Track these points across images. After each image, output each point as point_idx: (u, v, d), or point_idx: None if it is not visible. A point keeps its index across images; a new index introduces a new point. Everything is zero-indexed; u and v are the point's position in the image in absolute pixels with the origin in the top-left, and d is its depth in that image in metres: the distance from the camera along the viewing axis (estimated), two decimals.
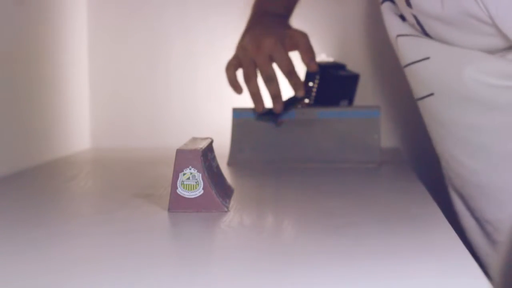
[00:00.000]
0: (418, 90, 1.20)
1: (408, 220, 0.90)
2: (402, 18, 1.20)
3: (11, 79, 1.36)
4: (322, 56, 1.62)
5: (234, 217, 0.90)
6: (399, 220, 0.90)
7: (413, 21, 1.14)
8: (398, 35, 1.20)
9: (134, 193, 1.08)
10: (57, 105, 1.58)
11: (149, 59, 1.76)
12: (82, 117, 1.73)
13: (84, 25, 1.73)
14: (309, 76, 1.49)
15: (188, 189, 0.92)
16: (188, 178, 0.92)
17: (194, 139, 1.03)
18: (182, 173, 0.92)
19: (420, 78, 1.18)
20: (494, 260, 1.14)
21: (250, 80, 1.36)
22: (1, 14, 1.31)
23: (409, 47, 1.19)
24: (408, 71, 1.21)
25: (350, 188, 1.16)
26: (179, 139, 1.09)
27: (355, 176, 1.27)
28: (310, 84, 1.50)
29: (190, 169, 0.92)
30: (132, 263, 0.71)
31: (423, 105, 1.21)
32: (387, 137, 1.66)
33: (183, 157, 0.92)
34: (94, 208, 1.07)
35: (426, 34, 1.14)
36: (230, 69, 1.39)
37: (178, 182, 0.92)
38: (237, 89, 1.38)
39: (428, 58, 1.15)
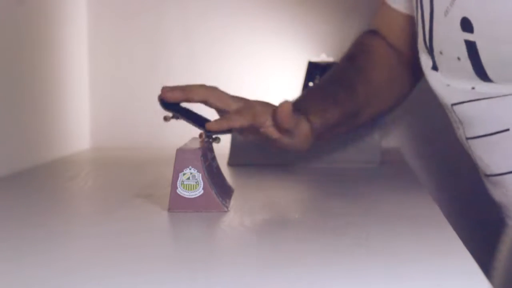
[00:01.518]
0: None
1: (408, 220, 0.90)
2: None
3: (11, 79, 1.36)
4: (322, 56, 1.62)
5: (234, 217, 0.90)
6: (399, 220, 0.90)
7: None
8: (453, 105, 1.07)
9: (134, 193, 1.08)
10: (57, 105, 1.58)
11: (149, 59, 1.76)
12: (82, 117, 1.73)
13: (84, 25, 1.74)
14: (309, 75, 1.50)
15: (188, 189, 0.92)
16: (188, 178, 0.92)
17: (194, 139, 1.03)
18: (182, 173, 0.92)
19: None
20: (496, 262, 1.14)
21: None
22: (2, 14, 1.31)
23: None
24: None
25: (350, 188, 1.16)
26: (179, 140, 1.09)
27: (355, 176, 1.27)
28: (311, 84, 1.50)
29: (190, 169, 0.92)
30: (132, 263, 0.71)
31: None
32: (387, 137, 1.66)
33: (183, 157, 0.92)
34: (94, 208, 1.07)
35: None
36: None
37: (178, 182, 0.92)
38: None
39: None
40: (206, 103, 1.03)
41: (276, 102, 1.69)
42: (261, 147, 1.42)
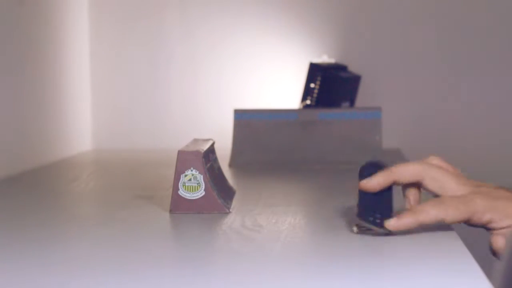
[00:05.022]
0: None
1: None
2: None
3: (13, 80, 1.36)
4: (323, 58, 1.62)
5: (236, 218, 0.90)
6: None
7: None
8: None
9: (135, 194, 1.08)
10: (58, 107, 1.58)
11: (150, 61, 1.76)
12: (83, 118, 1.73)
13: (85, 27, 1.74)
14: (311, 77, 1.50)
15: (190, 191, 0.92)
16: (190, 180, 0.92)
17: (196, 141, 1.03)
18: (183, 174, 0.92)
19: None
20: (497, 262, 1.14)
21: None
22: (3, 15, 1.32)
23: None
24: None
25: (351, 189, 1.16)
26: (181, 141, 1.09)
27: (356, 177, 1.27)
28: (312, 85, 1.50)
29: (191, 170, 0.92)
30: (134, 264, 0.71)
31: None
32: (388, 138, 1.66)
33: (184, 159, 0.92)
34: (95, 209, 1.07)
35: None
36: None
37: (179, 184, 0.92)
38: None
39: None
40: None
41: (278, 104, 1.69)
42: (262, 148, 1.42)
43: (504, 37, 1.73)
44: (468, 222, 0.81)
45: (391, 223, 0.79)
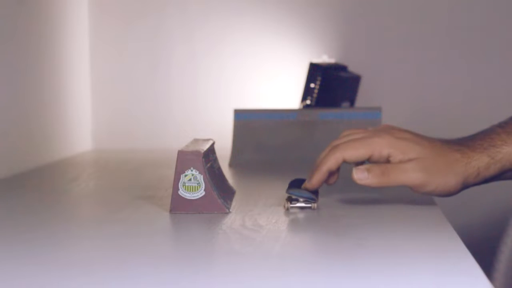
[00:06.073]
0: None
1: (408, 220, 0.90)
2: None
3: (13, 80, 1.36)
4: (323, 58, 1.62)
5: (236, 218, 0.90)
6: (399, 220, 0.90)
7: None
8: None
9: (135, 194, 1.08)
10: (58, 106, 1.58)
11: (151, 61, 1.76)
12: (83, 118, 1.73)
13: (85, 27, 1.74)
14: (311, 77, 1.50)
15: (190, 191, 0.92)
16: (190, 180, 0.92)
17: (196, 141, 1.03)
18: (183, 174, 0.92)
19: None
20: (498, 260, 1.14)
21: None
22: (2, 15, 1.32)
23: None
24: None
25: (350, 188, 1.16)
26: (181, 141, 1.09)
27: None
28: (312, 85, 1.51)
29: (191, 170, 0.92)
30: (134, 264, 0.71)
31: None
32: None
33: (184, 159, 0.92)
34: (95, 209, 1.07)
35: None
36: None
37: (179, 184, 0.92)
38: None
39: None
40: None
41: (278, 103, 1.69)
42: (262, 148, 1.42)
43: (504, 35, 1.73)
44: (373, 159, 0.93)
45: (307, 184, 0.96)
